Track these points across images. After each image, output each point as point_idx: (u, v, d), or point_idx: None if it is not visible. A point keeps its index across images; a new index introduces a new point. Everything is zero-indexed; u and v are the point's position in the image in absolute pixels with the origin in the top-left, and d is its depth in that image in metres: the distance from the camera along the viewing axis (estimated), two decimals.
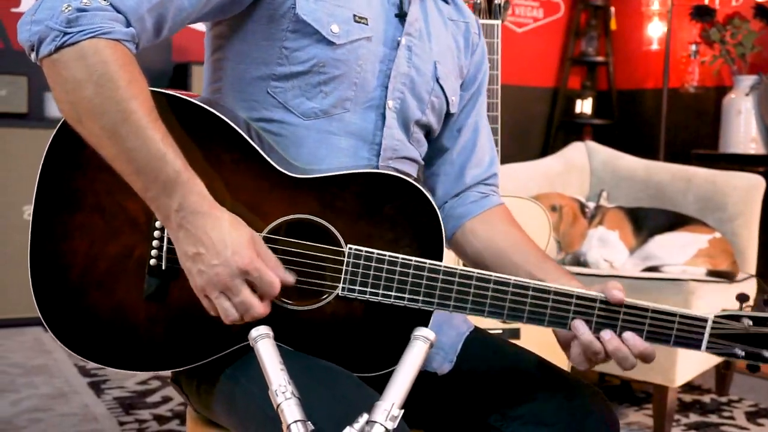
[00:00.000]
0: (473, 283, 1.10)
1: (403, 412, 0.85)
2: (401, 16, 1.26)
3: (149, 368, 1.14)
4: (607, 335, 1.09)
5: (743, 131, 4.32)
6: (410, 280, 1.10)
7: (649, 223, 2.88)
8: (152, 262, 1.10)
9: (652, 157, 3.61)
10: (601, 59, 5.41)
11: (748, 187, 2.92)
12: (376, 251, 1.10)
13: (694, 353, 1.81)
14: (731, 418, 2.79)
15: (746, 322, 1.09)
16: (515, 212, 1.40)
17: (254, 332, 0.92)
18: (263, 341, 0.92)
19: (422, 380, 0.96)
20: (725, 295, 2.59)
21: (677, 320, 1.09)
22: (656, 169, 3.20)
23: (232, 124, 1.11)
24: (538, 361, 1.27)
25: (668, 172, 3.15)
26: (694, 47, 4.66)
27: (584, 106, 5.41)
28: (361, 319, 1.12)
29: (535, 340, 1.33)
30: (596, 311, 1.10)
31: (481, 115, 1.42)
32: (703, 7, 4.57)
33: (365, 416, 0.85)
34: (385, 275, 1.10)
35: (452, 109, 1.35)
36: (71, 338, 1.13)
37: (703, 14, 4.54)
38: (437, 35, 1.31)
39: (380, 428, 0.83)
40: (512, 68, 4.69)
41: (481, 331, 1.33)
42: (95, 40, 1.00)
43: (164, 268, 1.10)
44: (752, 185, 2.93)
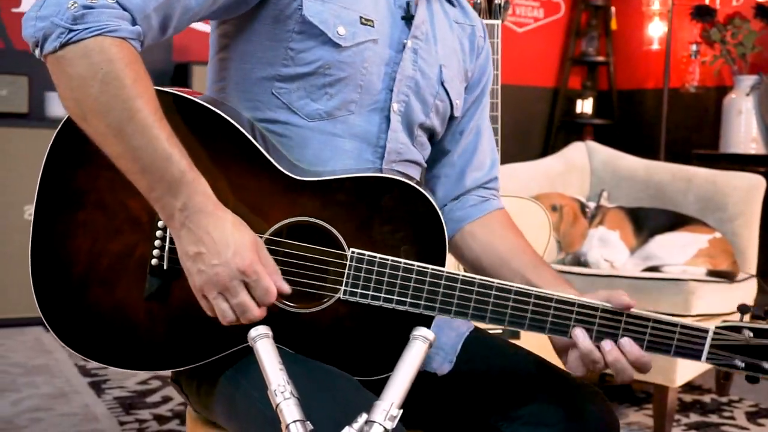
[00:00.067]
0: (475, 289, 1.10)
1: (402, 411, 0.85)
2: (408, 18, 1.24)
3: (150, 368, 1.14)
4: (607, 346, 1.09)
5: (744, 131, 4.32)
6: (412, 285, 1.09)
7: (649, 223, 2.88)
8: (154, 261, 1.10)
9: (652, 157, 3.60)
10: (601, 59, 5.41)
11: (748, 187, 2.92)
12: (378, 255, 1.09)
13: None
14: (731, 418, 2.79)
15: (747, 333, 1.09)
16: (516, 212, 1.40)
17: (253, 332, 0.92)
18: (262, 341, 0.91)
19: (422, 380, 0.96)
20: (725, 295, 2.59)
21: (678, 330, 1.09)
22: (657, 169, 3.19)
23: (236, 124, 1.10)
24: (538, 361, 1.26)
25: (669, 172, 3.15)
26: (694, 47, 4.66)
27: (585, 106, 5.40)
28: (361, 322, 1.11)
29: (535, 340, 1.33)
30: (597, 320, 1.10)
31: (483, 118, 1.42)
32: (703, 7, 4.57)
33: (364, 416, 0.85)
34: (387, 280, 1.09)
35: (456, 112, 1.34)
36: (72, 337, 1.13)
37: (703, 14, 4.53)
38: (443, 38, 1.30)
39: (379, 428, 0.83)
40: (513, 68, 4.69)
41: (481, 331, 1.33)
42: (101, 37, 0.99)
43: (166, 268, 1.10)
44: (753, 185, 2.92)
